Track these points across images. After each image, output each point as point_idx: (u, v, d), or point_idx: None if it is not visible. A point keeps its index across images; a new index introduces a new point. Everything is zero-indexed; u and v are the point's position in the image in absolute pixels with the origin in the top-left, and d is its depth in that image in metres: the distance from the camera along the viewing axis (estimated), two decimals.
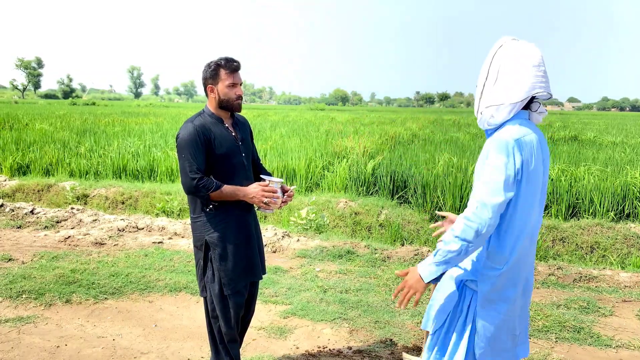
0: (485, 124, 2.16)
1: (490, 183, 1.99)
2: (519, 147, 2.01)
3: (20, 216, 7.03)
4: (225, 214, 2.78)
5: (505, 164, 1.98)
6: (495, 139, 2.04)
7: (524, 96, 2.02)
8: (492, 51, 2.12)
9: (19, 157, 11.42)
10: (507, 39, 2.12)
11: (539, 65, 2.04)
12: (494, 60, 2.10)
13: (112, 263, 5.21)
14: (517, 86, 2.03)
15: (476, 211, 1.98)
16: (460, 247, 2.00)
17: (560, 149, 13.40)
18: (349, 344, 3.64)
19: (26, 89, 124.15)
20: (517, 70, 2.04)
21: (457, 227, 2.01)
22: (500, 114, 2.08)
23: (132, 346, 3.59)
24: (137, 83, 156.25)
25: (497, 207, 1.97)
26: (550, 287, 4.79)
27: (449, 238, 2.03)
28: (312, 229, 6.68)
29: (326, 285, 4.72)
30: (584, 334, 3.81)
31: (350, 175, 9.50)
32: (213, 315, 2.87)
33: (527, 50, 2.06)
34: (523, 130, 2.06)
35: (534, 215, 2.10)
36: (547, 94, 2.09)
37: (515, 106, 2.05)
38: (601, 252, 6.45)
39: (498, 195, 1.97)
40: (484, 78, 2.13)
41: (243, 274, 2.84)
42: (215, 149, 2.73)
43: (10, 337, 3.66)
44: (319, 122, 25.12)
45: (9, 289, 4.44)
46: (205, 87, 2.79)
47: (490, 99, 2.10)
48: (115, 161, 10.90)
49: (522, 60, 2.04)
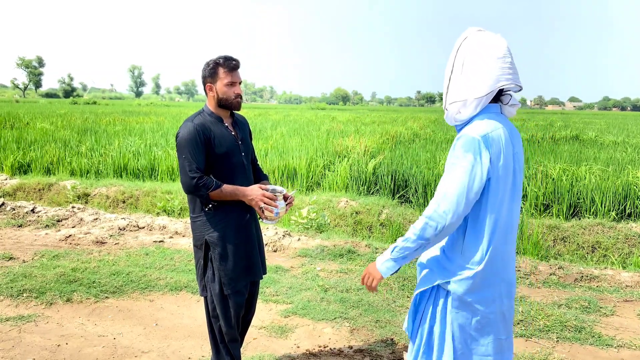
0: (452, 120, 2.08)
1: (456, 183, 1.92)
2: (486, 143, 1.93)
3: (21, 215, 7.04)
4: (225, 214, 2.77)
5: (472, 163, 1.92)
6: (463, 136, 1.97)
7: (487, 90, 1.94)
8: (456, 44, 2.05)
9: (20, 156, 11.43)
10: (473, 31, 2.04)
11: (504, 56, 1.95)
12: (459, 54, 2.02)
13: (113, 262, 5.21)
14: (480, 80, 1.95)
15: (438, 210, 1.93)
16: (418, 244, 1.98)
17: (562, 149, 13.39)
18: (349, 343, 3.64)
19: (27, 88, 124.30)
20: (480, 63, 1.96)
21: (418, 225, 1.97)
22: (466, 109, 2.00)
23: (132, 345, 3.58)
24: (138, 82, 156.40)
25: (461, 207, 1.92)
26: (552, 287, 4.78)
27: (408, 234, 2.00)
28: (313, 228, 6.67)
29: (327, 284, 4.72)
30: (585, 333, 3.81)
31: (351, 175, 9.50)
32: (213, 314, 2.87)
33: (491, 41, 1.98)
34: (491, 126, 1.97)
35: (504, 212, 2.02)
36: (515, 86, 2.01)
37: (480, 101, 1.97)
38: (602, 252, 6.44)
39: (462, 196, 1.91)
40: (449, 72, 2.05)
41: (243, 273, 2.84)
42: (215, 148, 2.73)
43: (11, 336, 3.66)
44: (320, 121, 25.14)
45: (9, 288, 4.44)
46: (204, 85, 2.79)
47: (455, 95, 2.03)
48: (116, 160, 10.91)
49: (485, 52, 1.96)
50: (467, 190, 1.91)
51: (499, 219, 2.00)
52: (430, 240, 1.96)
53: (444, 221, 1.92)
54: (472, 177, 1.91)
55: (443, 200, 1.93)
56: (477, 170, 1.91)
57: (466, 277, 2.01)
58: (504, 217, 2.02)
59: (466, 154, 1.93)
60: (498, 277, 2.06)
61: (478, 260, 2.00)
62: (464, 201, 1.91)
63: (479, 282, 2.02)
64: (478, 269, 2.00)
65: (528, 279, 4.93)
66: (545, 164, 9.95)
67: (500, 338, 2.10)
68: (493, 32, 2.03)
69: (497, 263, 2.03)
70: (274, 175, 9.73)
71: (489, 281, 2.04)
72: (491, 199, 1.97)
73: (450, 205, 1.91)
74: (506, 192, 2.01)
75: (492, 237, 2.00)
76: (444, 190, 1.94)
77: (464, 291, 2.03)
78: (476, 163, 1.92)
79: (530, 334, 3.79)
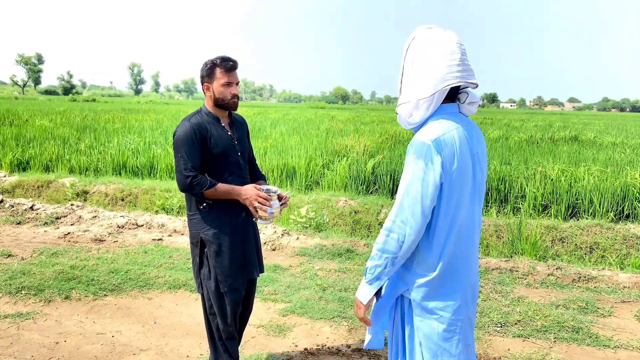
0: (406, 123, 2.00)
1: (410, 192, 1.85)
2: (438, 148, 1.83)
3: (20, 212, 7.04)
4: (220, 212, 2.78)
5: (424, 170, 1.83)
6: (414, 141, 1.89)
7: (432, 90, 1.84)
8: (406, 44, 1.96)
9: (19, 153, 11.42)
10: (422, 29, 1.94)
11: (452, 53, 1.84)
12: (408, 54, 1.93)
13: (112, 260, 5.22)
14: (426, 80, 1.86)
15: (396, 221, 1.87)
16: (384, 260, 1.90)
17: (561, 149, 13.41)
18: (347, 342, 3.65)
19: (26, 85, 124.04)
20: (427, 61, 1.86)
21: (380, 240, 1.91)
22: (418, 112, 1.91)
23: (131, 343, 3.59)
24: (137, 80, 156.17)
25: (418, 216, 1.84)
26: (549, 287, 4.79)
27: (373, 252, 1.93)
28: (312, 227, 6.68)
29: (325, 283, 4.72)
30: (582, 334, 3.82)
31: (350, 174, 9.51)
32: (210, 312, 2.88)
33: (438, 38, 1.87)
34: (444, 128, 1.87)
35: (463, 215, 1.93)
36: (468, 84, 1.90)
37: (430, 102, 1.87)
38: (600, 253, 6.46)
39: (417, 205, 1.84)
40: (401, 74, 1.97)
41: (239, 271, 2.85)
42: (212, 147, 2.75)
43: (10, 333, 3.66)
44: (319, 120, 25.12)
45: (8, 285, 4.44)
46: (202, 85, 2.81)
47: (404, 97, 1.95)
48: (115, 158, 10.90)
49: (432, 50, 1.86)
50: (421, 198, 1.84)
51: (454, 223, 1.92)
52: (397, 254, 1.88)
53: (404, 232, 1.86)
54: (425, 184, 1.84)
55: (400, 211, 1.87)
56: (429, 177, 1.83)
57: (423, 284, 1.95)
58: (462, 220, 1.94)
59: (417, 161, 1.85)
60: (462, 282, 1.99)
61: (433, 267, 1.93)
62: (419, 209, 1.84)
63: (438, 289, 1.95)
64: (434, 275, 1.93)
65: (526, 279, 4.94)
66: (544, 164, 9.97)
67: (468, 344, 2.04)
68: (443, 29, 1.93)
69: (458, 267, 1.96)
70: (273, 174, 9.73)
71: (452, 287, 1.96)
72: (444, 204, 1.88)
73: (406, 216, 1.85)
74: (464, 195, 1.92)
75: (446, 242, 1.92)
76: (400, 201, 1.88)
77: (421, 298, 1.96)
78: (428, 169, 1.83)
79: (528, 334, 3.81)
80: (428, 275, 1.94)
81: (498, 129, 21.85)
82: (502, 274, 5.02)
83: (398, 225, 1.86)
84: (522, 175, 9.11)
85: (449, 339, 1.98)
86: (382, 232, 1.91)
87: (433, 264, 1.93)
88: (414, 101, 1.90)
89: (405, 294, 2.03)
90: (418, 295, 1.97)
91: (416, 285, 1.96)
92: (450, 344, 1.98)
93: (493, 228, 7.04)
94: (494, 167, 9.44)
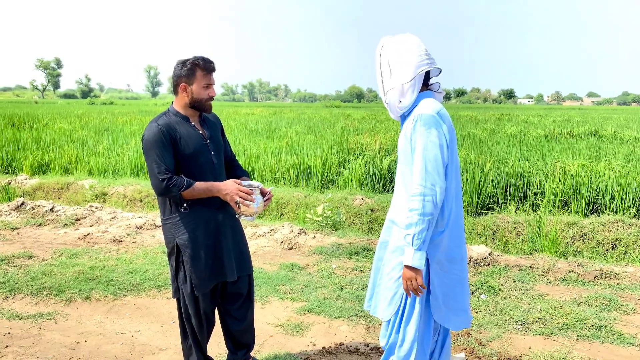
0: (396, 111, 2.35)
1: (430, 157, 2.17)
2: (442, 118, 2.24)
3: (41, 214, 7.14)
4: (195, 214, 2.71)
5: (439, 137, 2.19)
6: (420, 115, 2.22)
7: (413, 74, 2.25)
8: (377, 52, 2.36)
9: (39, 156, 11.60)
10: (387, 38, 2.36)
11: (418, 46, 2.28)
12: (382, 58, 2.33)
13: (131, 260, 5.27)
14: (406, 67, 2.26)
15: (426, 185, 2.15)
16: (427, 223, 2.16)
17: (580, 144, 13.19)
18: (366, 341, 3.63)
19: (46, 89, 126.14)
20: (400, 57, 2.27)
21: (416, 206, 2.16)
22: (405, 97, 2.29)
23: (150, 342, 3.62)
24: (154, 82, 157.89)
25: (442, 177, 2.17)
26: (571, 284, 4.71)
27: (413, 220, 2.17)
28: (328, 226, 6.67)
29: (343, 282, 4.71)
30: (605, 332, 3.74)
31: (366, 172, 9.47)
32: (186, 315, 2.86)
33: (404, 39, 2.31)
34: (438, 105, 2.30)
35: (458, 177, 2.35)
36: (436, 69, 2.35)
37: (413, 85, 2.27)
38: (623, 249, 6.34)
39: (440, 166, 2.17)
40: (380, 76, 2.35)
41: (213, 275, 2.79)
42: (182, 148, 2.66)
43: (32, 333, 3.71)
44: (335, 119, 25.10)
45: (30, 286, 4.51)
46: (176, 85, 2.70)
47: (388, 85, 2.32)
48: (133, 160, 11.01)
49: (403, 48, 2.28)
50: (441, 160, 2.18)
51: (457, 184, 2.33)
52: (434, 214, 2.16)
53: (435, 192, 2.15)
54: (441, 148, 2.19)
55: (427, 176, 2.16)
56: (443, 141, 2.20)
57: (438, 240, 2.28)
58: (458, 181, 2.35)
59: (430, 130, 2.19)
60: (461, 238, 2.38)
61: (445, 222, 2.28)
62: (442, 170, 2.18)
63: (448, 242, 2.30)
64: (446, 230, 2.29)
65: (546, 276, 4.87)
66: (563, 160, 9.82)
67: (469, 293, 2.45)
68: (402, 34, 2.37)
69: (457, 223, 2.34)
70: (289, 173, 9.74)
71: (457, 241, 2.35)
72: (449, 167, 2.26)
73: (433, 178, 2.16)
74: (457, 162, 2.34)
75: (451, 199, 2.29)
76: (423, 166, 2.17)
77: (437, 253, 2.29)
78: (440, 135, 2.19)
79: (549, 332, 3.74)
80: (441, 232, 2.28)
81: (516, 125, 21.60)
82: (522, 271, 4.95)
83: (429, 187, 2.15)
84: (541, 171, 8.98)
85: (456, 287, 2.38)
86: (415, 199, 2.17)
87: (445, 221, 2.28)
88: (399, 86, 2.28)
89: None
90: (434, 251, 2.29)
91: (433, 243, 2.28)
92: (456, 291, 2.38)
93: (512, 225, 6.96)
94: (512, 164, 9.33)
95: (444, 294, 2.34)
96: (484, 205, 8.16)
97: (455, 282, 2.36)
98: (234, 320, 3.00)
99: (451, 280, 2.35)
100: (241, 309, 3.01)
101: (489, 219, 7.25)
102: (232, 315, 2.99)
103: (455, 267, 2.34)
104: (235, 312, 2.99)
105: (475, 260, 5.15)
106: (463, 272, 2.39)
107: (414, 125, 2.22)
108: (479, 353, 3.42)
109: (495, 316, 4.02)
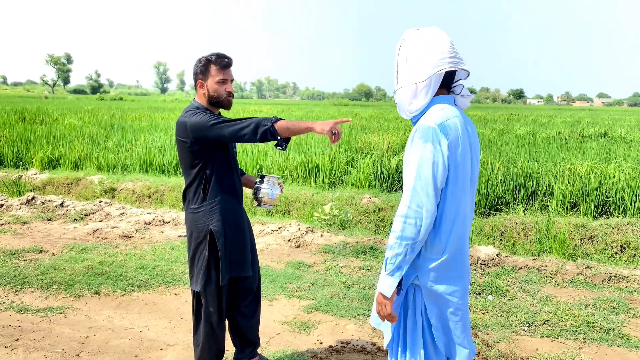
0: (406, 112, 2.06)
1: (422, 175, 1.89)
2: (443, 131, 1.91)
3: (51, 209, 7.20)
4: (224, 203, 2.73)
5: (434, 153, 1.89)
6: (419, 126, 1.95)
7: (429, 74, 1.94)
8: (397, 46, 2.07)
9: (49, 151, 11.68)
10: (410, 31, 2.06)
11: (441, 43, 1.96)
12: (400, 53, 2.04)
13: (139, 256, 5.30)
14: (420, 67, 1.96)
15: (411, 206, 1.89)
16: (404, 248, 1.91)
17: (590, 146, 13.11)
18: (372, 340, 3.64)
19: (56, 84, 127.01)
20: (419, 53, 1.97)
21: (397, 228, 1.92)
22: (417, 99, 1.99)
23: (158, 338, 3.64)
24: (163, 78, 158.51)
25: (431, 198, 1.89)
26: (579, 287, 4.69)
27: (390, 242, 1.94)
28: (336, 225, 6.68)
29: (350, 280, 4.72)
30: (613, 334, 3.73)
31: (374, 171, 9.46)
32: (207, 313, 2.81)
33: (426, 35, 2.00)
34: (447, 114, 1.96)
35: (466, 200, 2.02)
36: (463, 72, 2.02)
37: (428, 86, 1.96)
38: (632, 252, 6.30)
39: (431, 187, 1.89)
40: (396, 72, 2.07)
41: (238, 266, 2.81)
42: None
43: (42, 327, 3.75)
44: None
45: (40, 280, 4.55)
46: (195, 82, 2.75)
47: (400, 83, 2.04)
48: (142, 155, 11.06)
49: (423, 42, 1.98)
50: (433, 179, 1.89)
51: (460, 207, 1.99)
52: (415, 239, 1.91)
53: (420, 215, 1.89)
54: (435, 166, 1.89)
55: (414, 195, 1.90)
56: (438, 159, 1.89)
57: (433, 268, 1.99)
58: (465, 205, 2.02)
59: (425, 144, 1.90)
60: (465, 266, 2.09)
61: (442, 249, 1.98)
62: (432, 192, 1.89)
63: (447, 272, 2.01)
64: (444, 258, 1.98)
65: (554, 278, 4.85)
66: (572, 161, 9.76)
67: (468, 327, 2.11)
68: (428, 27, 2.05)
69: (459, 251, 2.03)
70: (297, 171, 9.75)
71: (457, 271, 2.04)
72: (451, 187, 1.95)
73: (421, 198, 1.89)
74: (466, 181, 2.00)
75: (455, 225, 1.98)
76: (412, 185, 1.91)
77: (431, 283, 2.01)
78: (436, 152, 1.89)
79: (557, 334, 3.74)
80: (438, 259, 1.99)
81: (525, 125, 21.49)
82: (529, 273, 4.94)
83: (414, 209, 1.89)
84: (550, 172, 8.93)
85: (457, 322, 2.06)
86: (397, 220, 1.92)
87: (442, 247, 1.98)
88: (412, 85, 1.98)
89: (413, 280, 2.06)
90: (427, 279, 2.01)
91: (426, 270, 2.00)
92: (457, 325, 2.06)
93: (520, 226, 6.93)
94: (521, 164, 9.28)
95: (447, 326, 2.07)
96: (492, 206, 8.14)
97: (456, 317, 2.06)
98: (243, 317, 3.02)
99: (453, 314, 2.05)
100: (250, 305, 3.03)
101: (497, 219, 7.22)
102: (242, 311, 3.01)
103: (454, 300, 2.03)
104: (245, 309, 3.01)
105: (483, 261, 5.14)
106: (463, 306, 2.07)
107: (413, 137, 1.96)
108: (486, 354, 3.42)
109: (502, 317, 4.01)
